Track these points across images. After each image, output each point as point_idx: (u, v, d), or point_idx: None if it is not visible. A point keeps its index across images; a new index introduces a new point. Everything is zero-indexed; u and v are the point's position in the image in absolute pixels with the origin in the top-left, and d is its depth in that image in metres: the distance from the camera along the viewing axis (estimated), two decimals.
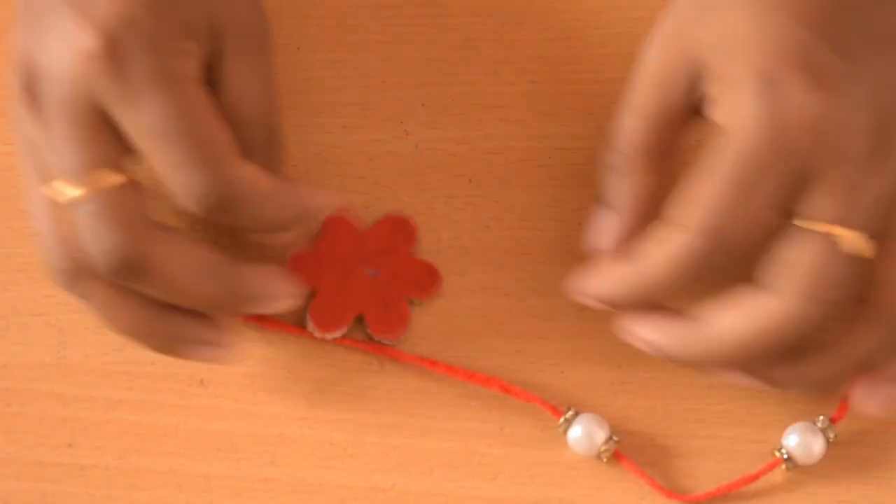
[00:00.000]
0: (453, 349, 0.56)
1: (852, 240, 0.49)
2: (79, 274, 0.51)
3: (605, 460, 0.54)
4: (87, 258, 0.50)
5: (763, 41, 0.50)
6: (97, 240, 0.50)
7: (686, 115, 0.52)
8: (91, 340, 0.56)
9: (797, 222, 0.49)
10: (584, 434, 0.54)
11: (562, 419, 0.54)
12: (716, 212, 0.49)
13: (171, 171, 0.50)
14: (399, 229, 0.57)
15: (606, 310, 0.53)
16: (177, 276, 0.51)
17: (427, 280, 0.56)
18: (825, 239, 0.49)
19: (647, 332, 0.52)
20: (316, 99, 0.60)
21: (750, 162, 0.49)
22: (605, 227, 0.53)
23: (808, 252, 0.49)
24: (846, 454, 0.55)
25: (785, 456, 0.54)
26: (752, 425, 0.55)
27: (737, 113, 0.50)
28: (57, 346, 0.56)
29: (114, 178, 0.50)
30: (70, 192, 0.50)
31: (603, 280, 0.53)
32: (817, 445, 0.54)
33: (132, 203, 0.50)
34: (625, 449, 0.54)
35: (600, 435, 0.54)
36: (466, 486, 0.54)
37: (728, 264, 0.50)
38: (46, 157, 0.51)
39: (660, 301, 0.52)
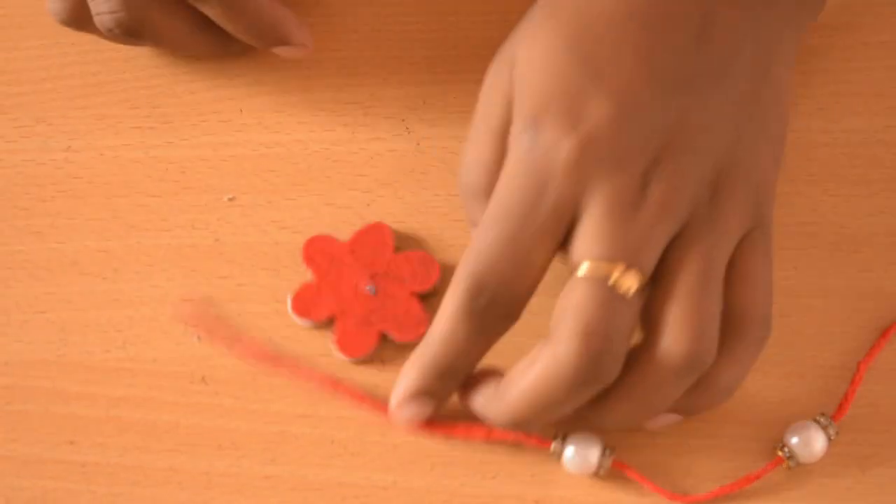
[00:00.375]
0: None
1: (617, 276, 0.49)
2: (82, 25, 0.57)
3: (602, 475, 0.53)
4: (89, 12, 0.56)
5: (541, 82, 0.50)
6: (96, 2, 0.55)
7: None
8: (92, 338, 0.56)
9: (572, 267, 0.49)
10: (577, 457, 0.53)
11: (552, 447, 0.53)
12: (477, 259, 0.50)
13: None
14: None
15: (429, 408, 0.53)
16: (170, 37, 0.57)
17: (423, 270, 0.56)
18: (591, 278, 0.49)
19: (471, 402, 0.53)
20: (317, 96, 0.60)
21: (504, 209, 0.50)
22: None
23: (577, 294, 0.49)
24: (848, 452, 0.55)
25: (787, 454, 0.54)
26: (753, 424, 0.55)
27: (506, 159, 0.51)
28: (58, 343, 0.56)
29: None
30: None
31: (400, 382, 0.53)
32: (819, 443, 0.54)
33: None
34: (624, 448, 0.54)
35: (593, 453, 0.53)
36: (467, 483, 0.54)
37: (502, 311, 0.50)
38: None
39: (467, 364, 0.52)
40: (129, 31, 0.56)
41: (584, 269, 0.49)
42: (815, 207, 0.58)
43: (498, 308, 0.50)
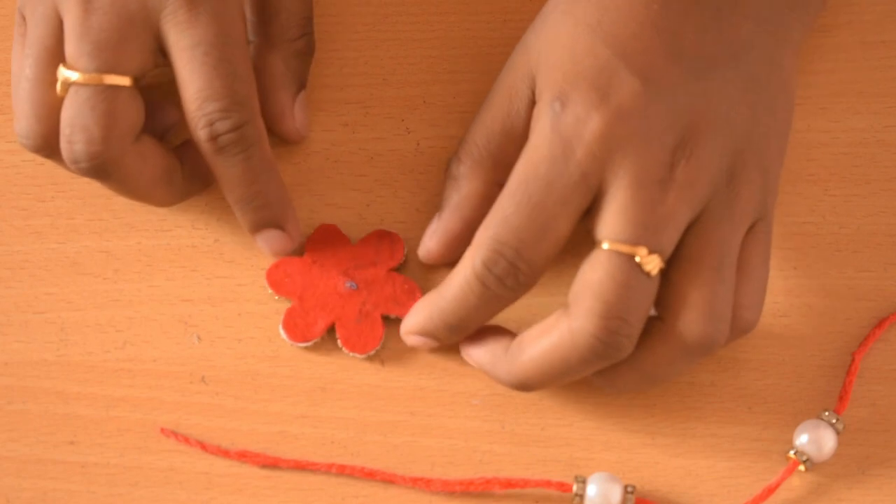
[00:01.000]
0: (455, 348, 0.55)
1: (641, 258, 0.49)
2: (49, 153, 0.54)
3: None
4: (59, 142, 0.53)
5: (566, 61, 0.51)
6: (74, 130, 0.52)
7: (525, 131, 0.53)
8: (92, 338, 0.56)
9: (596, 242, 0.50)
10: (599, 497, 0.53)
11: (574, 489, 0.53)
12: (500, 223, 0.50)
13: (199, 91, 0.52)
14: (385, 244, 0.57)
15: (433, 344, 0.54)
16: (134, 183, 0.54)
17: (404, 297, 0.56)
18: (615, 257, 0.49)
19: (473, 352, 0.54)
20: (317, 96, 0.60)
21: (530, 176, 0.50)
22: (430, 230, 0.55)
23: (599, 271, 0.50)
24: (848, 453, 0.54)
25: (803, 458, 0.54)
26: (754, 424, 0.55)
27: (531, 131, 0.51)
28: (58, 343, 0.56)
29: (119, 80, 0.52)
30: (74, 76, 0.52)
31: (413, 314, 0.54)
32: (830, 441, 0.54)
33: (124, 109, 0.52)
34: (632, 470, 0.54)
35: (615, 493, 0.53)
36: None
37: (519, 279, 0.51)
38: (72, 41, 0.52)
39: (476, 322, 0.53)
40: (99, 169, 0.53)
41: (608, 246, 0.50)
42: (815, 207, 0.58)
43: (515, 276, 0.51)
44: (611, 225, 0.50)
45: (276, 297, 0.56)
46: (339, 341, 0.55)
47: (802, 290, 0.57)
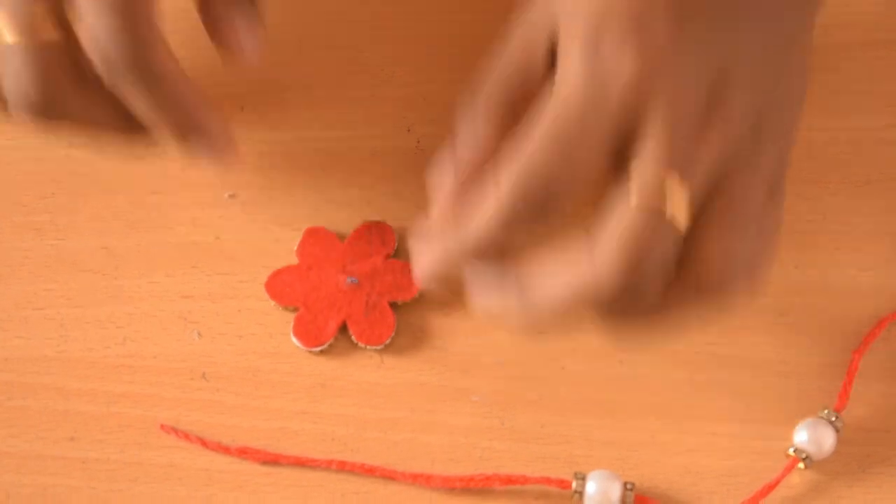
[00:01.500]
0: (455, 345, 0.56)
1: (672, 203, 0.48)
2: None
3: None
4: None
5: (597, 6, 0.50)
6: (15, 78, 0.50)
7: (544, 80, 0.52)
8: (92, 334, 0.56)
9: (627, 186, 0.49)
10: (598, 494, 0.53)
11: (573, 486, 0.53)
12: (529, 168, 0.49)
13: (96, 16, 0.49)
14: (375, 234, 0.57)
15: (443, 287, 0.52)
16: (84, 123, 0.51)
17: (405, 281, 0.56)
18: (645, 204, 0.48)
19: (484, 301, 0.51)
20: (318, 94, 0.60)
21: (562, 119, 0.49)
22: (440, 167, 0.53)
23: (626, 217, 0.48)
24: (848, 451, 0.54)
25: (802, 455, 0.54)
26: (753, 421, 0.55)
27: (561, 75, 0.50)
28: (58, 339, 0.56)
29: (51, 31, 0.50)
30: (5, 30, 0.50)
31: (428, 257, 0.51)
32: (829, 439, 0.54)
33: (60, 56, 0.50)
34: (631, 467, 0.54)
35: (615, 490, 0.53)
36: None
37: (544, 220, 0.49)
38: None
39: (495, 259, 0.50)
40: (39, 111, 0.51)
41: (638, 191, 0.48)
42: (816, 206, 0.58)
43: (545, 213, 0.49)
44: (643, 168, 0.49)
45: (281, 308, 0.56)
46: (353, 337, 0.55)
47: (802, 289, 0.57)
